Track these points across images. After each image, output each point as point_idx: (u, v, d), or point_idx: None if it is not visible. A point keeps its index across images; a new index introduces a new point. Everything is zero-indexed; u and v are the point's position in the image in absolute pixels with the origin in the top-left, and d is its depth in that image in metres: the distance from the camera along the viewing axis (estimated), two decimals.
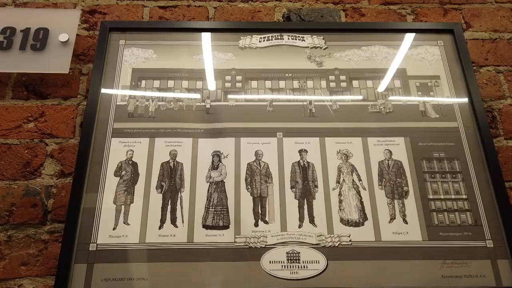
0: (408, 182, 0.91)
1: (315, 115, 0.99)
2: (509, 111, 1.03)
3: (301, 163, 0.93)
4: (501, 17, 1.15)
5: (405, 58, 1.06)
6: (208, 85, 1.01)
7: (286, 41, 1.07)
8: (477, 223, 0.87)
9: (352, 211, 0.88)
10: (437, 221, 0.87)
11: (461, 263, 0.84)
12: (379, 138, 0.96)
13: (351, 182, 0.91)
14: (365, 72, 1.04)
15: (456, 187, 0.91)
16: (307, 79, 1.03)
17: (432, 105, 1.00)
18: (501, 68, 1.09)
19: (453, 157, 0.94)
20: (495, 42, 1.12)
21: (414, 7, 1.17)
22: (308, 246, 0.85)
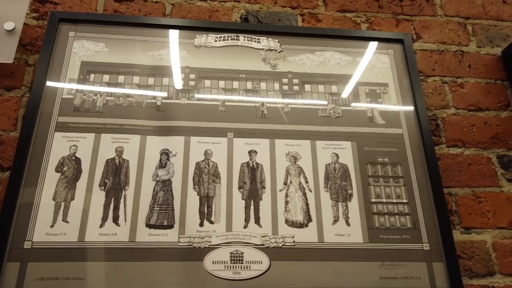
0: (353, 185, 0.94)
1: (267, 116, 0.99)
2: (452, 120, 1.08)
3: (250, 164, 0.93)
4: (449, 30, 1.21)
5: (356, 64, 1.08)
6: (161, 81, 1.00)
7: (242, 42, 1.08)
8: (415, 227, 0.91)
9: (298, 212, 0.90)
10: (378, 224, 0.90)
11: (398, 265, 0.87)
12: (327, 142, 0.98)
13: (298, 184, 0.93)
14: (317, 77, 1.06)
15: (397, 191, 0.94)
16: (260, 80, 1.04)
17: (380, 111, 1.03)
18: (446, 79, 1.14)
19: (396, 162, 0.97)
20: (442, 53, 1.17)
21: (368, 16, 1.20)
22: (252, 247, 0.85)
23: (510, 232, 0.97)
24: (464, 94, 1.12)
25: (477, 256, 0.93)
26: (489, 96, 1.12)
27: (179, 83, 1.00)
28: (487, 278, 0.91)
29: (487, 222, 0.97)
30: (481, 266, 0.92)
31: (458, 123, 1.08)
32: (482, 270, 0.92)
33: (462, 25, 1.22)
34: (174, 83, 1.00)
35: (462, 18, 1.23)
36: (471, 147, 1.06)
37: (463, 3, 1.25)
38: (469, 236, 0.95)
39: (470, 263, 0.92)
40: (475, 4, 1.26)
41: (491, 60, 1.17)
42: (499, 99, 1.12)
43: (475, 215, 0.98)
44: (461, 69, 1.15)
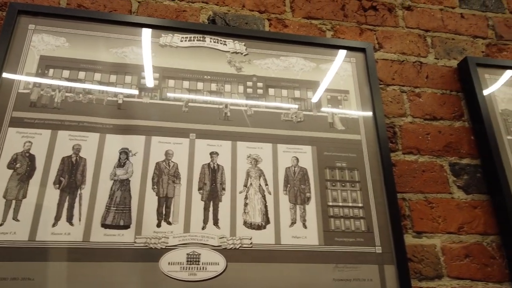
0: (311, 189, 0.96)
1: (230, 119, 1.00)
2: (409, 128, 1.13)
3: (211, 165, 0.94)
4: (409, 41, 1.26)
5: (320, 71, 1.11)
6: (124, 79, 0.99)
7: (208, 44, 1.08)
8: (369, 230, 0.94)
9: (256, 214, 0.91)
10: (334, 227, 0.93)
11: (351, 267, 0.89)
12: (289, 146, 1.00)
13: (258, 186, 0.94)
14: (281, 81, 1.08)
15: (354, 195, 0.97)
16: (225, 83, 1.04)
17: (340, 117, 1.06)
18: (405, 88, 1.18)
19: (353, 167, 1.00)
20: (402, 63, 1.22)
21: (334, 24, 1.24)
22: (209, 248, 0.85)
23: (458, 237, 1.02)
24: (421, 103, 1.17)
25: (426, 259, 0.97)
26: (444, 106, 1.18)
27: (142, 82, 0.99)
28: (435, 280, 0.95)
29: (438, 227, 1.02)
30: (430, 269, 0.96)
31: (414, 131, 1.13)
32: (431, 273, 0.96)
33: (422, 37, 1.27)
34: (137, 81, 0.99)
35: (422, 31, 1.28)
36: (426, 154, 1.10)
37: (423, 16, 1.31)
38: (420, 240, 0.99)
39: (420, 266, 0.96)
40: (435, 17, 1.31)
41: (447, 71, 1.23)
42: (454, 109, 1.18)
43: (427, 220, 1.02)
44: (419, 79, 1.20)
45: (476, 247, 1.01)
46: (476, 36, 1.31)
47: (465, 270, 0.98)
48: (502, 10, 1.37)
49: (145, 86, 0.99)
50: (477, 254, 1.00)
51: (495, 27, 1.34)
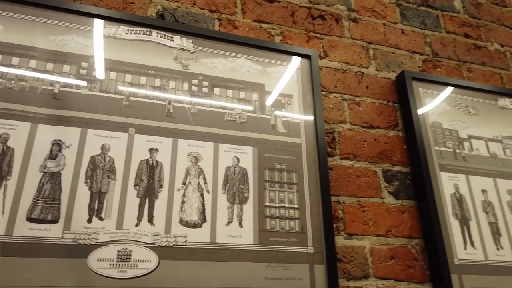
0: (250, 189, 0.97)
1: (173, 116, 0.99)
2: (347, 134, 1.18)
3: (150, 161, 0.93)
4: (353, 52, 1.32)
5: (266, 74, 1.13)
6: (62, 68, 0.95)
7: (155, 38, 1.06)
8: (303, 231, 0.97)
9: (193, 212, 0.91)
10: (269, 227, 0.95)
11: (284, 266, 0.92)
12: (230, 145, 1.01)
13: (197, 184, 0.94)
14: (227, 82, 1.09)
15: (290, 197, 1.00)
16: (169, 79, 1.03)
17: (282, 120, 1.09)
18: (346, 97, 1.24)
19: (292, 170, 1.03)
20: (345, 72, 1.27)
21: (283, 29, 1.26)
22: (142, 245, 0.84)
23: (386, 240, 1.08)
24: (360, 112, 1.23)
25: (355, 260, 1.02)
26: (381, 116, 1.24)
27: (81, 72, 0.96)
28: (362, 280, 1.00)
29: (368, 229, 1.08)
30: (358, 269, 1.01)
31: (352, 138, 1.18)
32: (358, 273, 1.01)
33: (365, 49, 1.34)
34: (75, 71, 0.96)
35: (365, 43, 1.35)
36: (361, 160, 1.16)
37: (367, 29, 1.37)
38: (351, 242, 1.04)
39: (349, 266, 1.01)
40: (378, 31, 1.38)
41: (386, 83, 1.30)
42: (390, 119, 1.25)
43: (358, 222, 1.07)
44: (359, 88, 1.26)
45: (402, 249, 1.08)
46: (414, 51, 1.40)
47: (390, 271, 1.04)
48: (439, 29, 1.48)
49: (84, 76, 0.96)
50: (402, 256, 1.07)
51: (431, 44, 1.43)
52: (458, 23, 1.52)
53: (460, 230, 1.08)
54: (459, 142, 1.22)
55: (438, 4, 1.52)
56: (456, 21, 1.52)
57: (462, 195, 1.13)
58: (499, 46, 1.53)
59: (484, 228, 1.10)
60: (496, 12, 1.62)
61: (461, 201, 1.12)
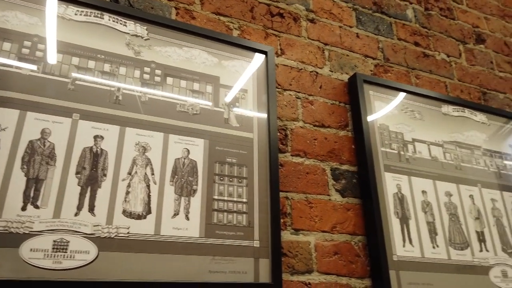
0: (198, 182, 0.96)
1: (121, 103, 0.96)
2: (299, 132, 1.20)
3: (94, 149, 0.89)
4: (309, 52, 1.34)
5: (221, 67, 1.12)
6: (1, 46, 0.88)
7: (106, 22, 1.02)
8: (250, 225, 0.97)
9: (138, 203, 0.88)
10: (216, 220, 0.94)
11: (228, 259, 0.92)
12: (181, 137, 0.99)
13: (143, 175, 0.91)
14: (181, 72, 1.06)
15: (239, 191, 1.00)
16: (120, 65, 1.00)
17: (236, 115, 1.08)
18: (300, 95, 1.25)
19: (243, 164, 1.03)
20: (300, 71, 1.29)
21: (241, 24, 1.26)
22: (80, 236, 0.81)
23: (330, 236, 1.11)
24: (312, 110, 1.25)
25: (300, 255, 1.04)
26: (332, 116, 1.28)
27: (23, 51, 0.90)
28: (305, 275, 1.03)
29: (314, 225, 1.10)
30: (302, 264, 1.03)
31: (304, 136, 1.20)
32: (302, 268, 1.03)
33: (320, 50, 1.36)
34: (17, 50, 0.90)
35: (321, 43, 1.38)
36: (311, 158, 1.18)
37: (324, 31, 1.40)
38: (297, 237, 1.06)
39: (293, 261, 1.03)
40: (334, 33, 1.42)
41: (339, 84, 1.34)
42: (340, 119, 1.28)
43: (305, 218, 1.10)
44: (313, 88, 1.29)
45: (345, 245, 1.11)
46: (367, 55, 1.44)
47: (332, 266, 1.07)
48: (391, 36, 1.54)
49: (27, 56, 0.90)
50: (345, 252, 1.10)
51: (384, 50, 1.49)
52: (410, 31, 1.59)
53: (400, 228, 1.13)
54: (404, 144, 1.28)
55: (392, 12, 1.59)
56: (408, 29, 1.59)
57: (403, 195, 1.19)
58: (446, 56, 1.62)
59: (422, 227, 1.17)
60: (445, 24, 1.71)
61: (402, 200, 1.18)
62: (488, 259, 1.21)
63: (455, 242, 1.18)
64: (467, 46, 1.71)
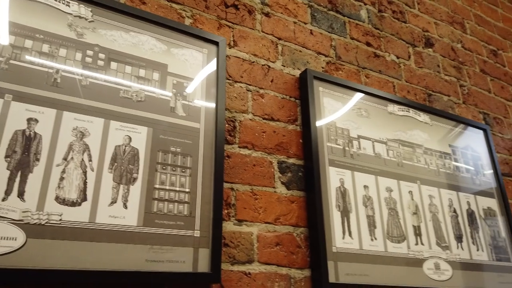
0: (139, 170, 0.95)
1: (60, 86, 0.92)
2: (248, 124, 1.20)
3: (27, 132, 0.85)
4: (262, 45, 1.34)
5: (170, 55, 1.11)
6: None
7: (47, 0, 0.97)
8: (191, 215, 0.97)
9: (72, 190, 0.85)
10: (156, 209, 0.93)
11: (167, 249, 0.91)
12: (123, 124, 0.96)
13: (80, 161, 0.88)
14: (127, 57, 1.04)
15: (182, 180, 0.99)
16: (60, 46, 0.96)
17: (183, 104, 1.07)
18: (251, 88, 1.26)
19: (187, 154, 1.02)
20: (252, 64, 1.30)
21: (194, 13, 1.25)
22: (7, 222, 0.77)
23: (273, 227, 1.12)
24: (262, 103, 1.26)
25: (242, 245, 1.05)
26: (282, 110, 1.29)
27: None
28: (246, 265, 1.04)
29: (258, 216, 1.11)
30: (243, 254, 1.04)
31: (252, 128, 1.21)
32: (243, 258, 1.04)
33: (274, 44, 1.37)
34: None
35: (275, 38, 1.39)
36: (259, 150, 1.19)
37: (278, 25, 1.41)
38: (240, 228, 1.07)
39: (235, 251, 1.04)
40: (288, 28, 1.43)
41: (290, 79, 1.36)
42: (290, 113, 1.30)
43: (249, 209, 1.11)
44: (264, 81, 1.30)
45: (287, 237, 1.13)
46: (320, 52, 1.47)
47: (273, 257, 1.08)
48: (344, 35, 1.57)
49: None
50: (287, 243, 1.12)
51: (336, 48, 1.52)
52: (362, 32, 1.64)
53: (341, 221, 1.17)
54: (349, 140, 1.31)
55: (346, 11, 1.63)
56: (361, 29, 1.64)
57: (346, 189, 1.23)
58: (395, 58, 1.68)
59: (362, 220, 1.21)
60: (396, 26, 1.77)
61: (344, 194, 1.22)
62: (423, 252, 1.27)
63: (392, 235, 1.24)
64: (416, 49, 1.79)
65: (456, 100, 1.78)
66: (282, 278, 1.07)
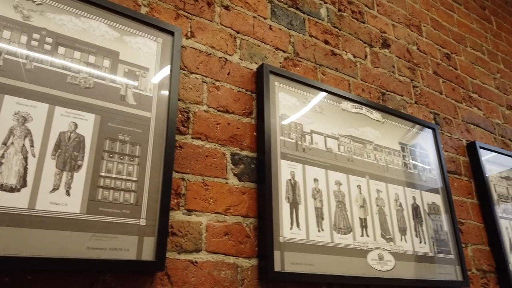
0: (85, 157, 0.94)
1: (2, 68, 0.89)
2: (202, 115, 1.21)
3: None
4: (220, 38, 1.35)
5: (123, 42, 1.09)
6: None
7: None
8: (138, 203, 0.97)
9: (11, 176, 0.84)
10: (101, 197, 0.93)
11: (110, 237, 0.91)
12: (69, 110, 0.95)
13: (21, 146, 0.87)
14: (76, 42, 1.02)
15: (130, 169, 0.99)
16: (4, 28, 0.93)
17: (134, 92, 1.06)
18: (207, 79, 1.27)
19: (136, 142, 1.02)
20: (209, 56, 1.30)
21: (151, 1, 1.24)
22: None
23: (223, 217, 1.14)
24: (218, 96, 1.27)
25: (190, 235, 1.06)
26: (238, 103, 1.31)
27: None
28: (193, 254, 1.05)
29: (208, 207, 1.13)
30: (191, 243, 1.06)
31: (207, 120, 1.22)
32: (190, 247, 1.05)
33: (232, 37, 1.39)
34: None
35: (234, 31, 1.40)
36: (212, 142, 1.20)
37: (238, 19, 1.42)
38: (189, 217, 1.08)
39: (182, 240, 1.05)
40: (248, 22, 1.45)
41: (247, 73, 1.37)
42: (245, 106, 1.32)
43: (200, 200, 1.12)
44: (221, 74, 1.31)
45: (236, 227, 1.15)
46: (278, 48, 1.50)
47: (221, 246, 1.10)
48: (303, 32, 1.61)
49: None
50: (235, 233, 1.14)
51: (294, 44, 1.55)
52: (321, 30, 1.68)
53: (290, 212, 1.20)
54: (302, 135, 1.35)
55: (306, 9, 1.66)
56: (320, 27, 1.68)
57: (296, 181, 1.26)
58: (352, 56, 1.74)
59: (311, 212, 1.25)
60: (355, 26, 1.83)
61: (294, 186, 1.25)
62: (368, 244, 1.33)
63: (339, 227, 1.29)
64: (373, 49, 1.85)
65: (408, 100, 1.86)
66: (229, 267, 1.10)
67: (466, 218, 1.79)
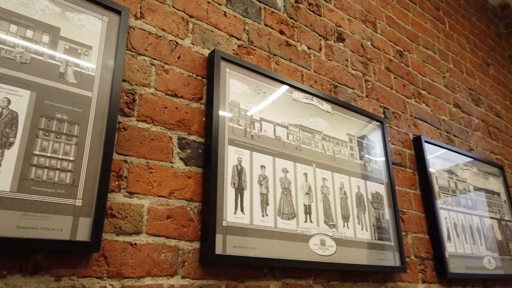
0: (17, 135, 0.91)
1: None
2: (149, 98, 1.20)
3: None
4: (172, 21, 1.34)
5: (64, 19, 1.06)
6: None
7: None
8: (74, 184, 0.95)
9: None
10: (34, 176, 0.90)
11: (43, 216, 0.89)
12: (2, 85, 0.91)
13: None
14: (13, 15, 0.98)
15: (67, 148, 0.96)
16: None
17: (74, 70, 1.04)
18: (155, 62, 1.25)
19: (75, 122, 1.00)
20: (159, 38, 1.29)
21: None
22: None
23: (166, 201, 1.14)
24: (167, 79, 1.26)
25: (130, 217, 1.06)
26: (187, 87, 1.30)
27: None
28: (133, 236, 1.05)
29: (151, 190, 1.12)
30: (131, 225, 1.05)
31: (153, 103, 1.21)
32: (130, 229, 1.05)
33: (185, 21, 1.37)
34: None
35: (187, 15, 1.39)
36: (159, 125, 1.20)
37: (191, 3, 1.41)
38: (130, 200, 1.07)
39: (122, 222, 1.04)
40: (201, 7, 1.44)
41: (199, 58, 1.37)
42: (195, 92, 1.32)
43: (143, 183, 1.11)
44: (171, 57, 1.29)
45: (180, 210, 1.16)
46: (232, 35, 1.50)
47: (163, 229, 1.10)
48: (258, 20, 1.62)
49: None
50: (178, 216, 1.15)
51: (249, 32, 1.56)
52: (277, 20, 1.69)
53: (234, 197, 1.22)
54: (251, 122, 1.37)
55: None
56: (275, 17, 1.69)
57: (243, 167, 1.28)
58: (306, 48, 1.77)
59: (256, 197, 1.27)
60: (311, 18, 1.86)
61: (241, 172, 1.27)
62: (311, 229, 1.38)
63: (283, 213, 1.32)
64: (328, 42, 1.89)
65: (359, 93, 1.92)
66: (170, 249, 1.10)
67: (408, 208, 1.89)
